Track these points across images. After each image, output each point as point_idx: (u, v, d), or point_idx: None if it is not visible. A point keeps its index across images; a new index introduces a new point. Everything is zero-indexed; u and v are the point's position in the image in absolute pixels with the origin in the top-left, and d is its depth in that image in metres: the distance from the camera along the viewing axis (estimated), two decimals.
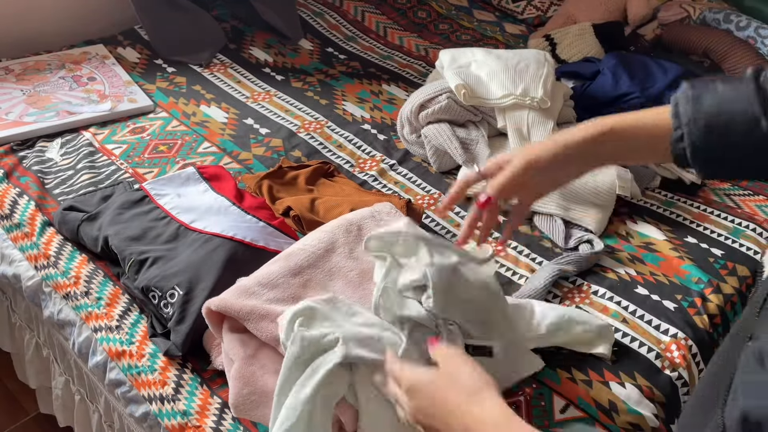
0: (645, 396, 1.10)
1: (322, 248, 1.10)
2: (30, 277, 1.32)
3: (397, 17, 2.27)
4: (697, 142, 0.80)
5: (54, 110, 1.64)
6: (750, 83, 0.79)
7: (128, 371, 1.13)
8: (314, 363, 0.88)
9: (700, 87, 0.83)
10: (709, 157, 0.82)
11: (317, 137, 1.66)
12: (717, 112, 0.79)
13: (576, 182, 1.43)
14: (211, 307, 1.00)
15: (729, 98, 0.80)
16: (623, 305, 1.25)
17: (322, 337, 0.89)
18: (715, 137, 0.80)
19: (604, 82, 1.70)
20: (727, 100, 0.80)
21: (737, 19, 1.97)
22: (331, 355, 0.87)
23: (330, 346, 0.88)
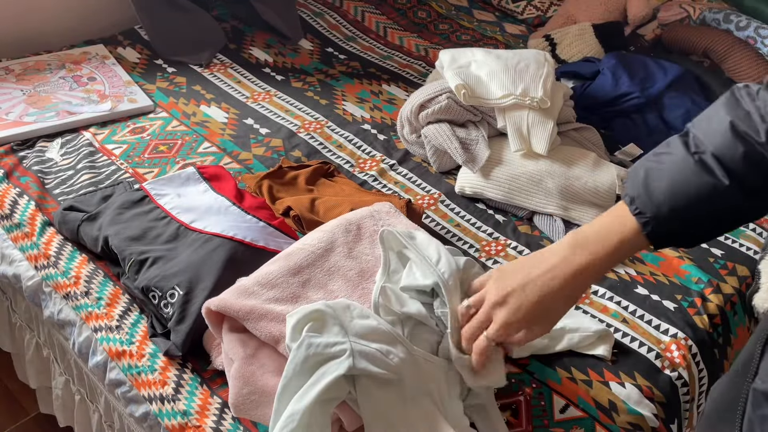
0: (645, 396, 1.10)
1: (322, 248, 1.10)
2: (30, 277, 1.32)
3: (397, 17, 2.27)
4: (668, 226, 0.82)
5: (54, 110, 1.64)
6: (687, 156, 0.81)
7: (128, 371, 1.13)
8: (319, 371, 0.87)
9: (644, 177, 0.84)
10: (683, 232, 0.83)
11: (317, 137, 1.66)
12: (672, 194, 0.81)
13: (576, 182, 1.43)
14: (210, 307, 1.00)
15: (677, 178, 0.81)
16: (623, 305, 1.25)
17: (330, 345, 0.88)
18: (682, 215, 0.81)
19: (604, 82, 1.71)
20: (677, 181, 0.81)
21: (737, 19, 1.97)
22: (336, 366, 0.87)
23: (337, 356, 0.88)
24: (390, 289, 0.99)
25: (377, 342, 0.91)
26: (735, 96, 0.81)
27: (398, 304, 0.98)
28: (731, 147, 0.78)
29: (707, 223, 0.82)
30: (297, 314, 0.92)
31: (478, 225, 1.44)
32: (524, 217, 1.46)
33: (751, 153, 0.77)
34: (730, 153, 0.78)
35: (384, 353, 0.90)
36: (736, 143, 0.78)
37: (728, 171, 0.78)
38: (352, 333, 0.90)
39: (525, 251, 1.37)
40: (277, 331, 0.96)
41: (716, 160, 0.79)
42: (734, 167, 0.78)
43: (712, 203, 0.79)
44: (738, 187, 0.78)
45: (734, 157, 0.78)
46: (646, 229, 0.82)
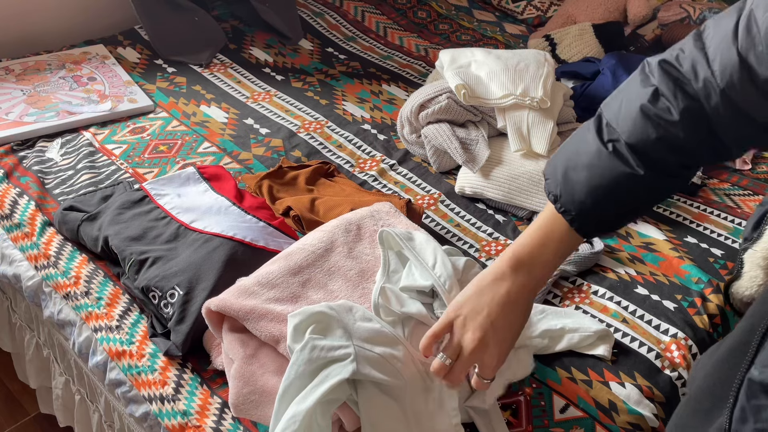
0: (645, 396, 1.10)
1: (322, 248, 1.10)
2: (30, 277, 1.32)
3: (397, 17, 2.27)
4: (593, 218, 0.83)
5: (54, 110, 1.64)
6: (600, 148, 0.81)
7: (128, 371, 1.13)
8: (322, 374, 0.87)
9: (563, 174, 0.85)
10: (608, 221, 0.85)
11: (317, 137, 1.66)
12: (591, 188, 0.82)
13: None
14: (210, 307, 1.00)
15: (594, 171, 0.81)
16: (623, 305, 1.25)
17: (334, 348, 0.88)
18: (605, 206, 0.82)
19: (604, 82, 1.70)
20: (594, 174, 0.81)
21: None
22: (339, 369, 0.87)
23: (340, 359, 0.88)
24: (390, 290, 0.99)
25: (380, 345, 0.91)
26: (644, 71, 0.79)
27: (398, 305, 0.98)
28: (643, 132, 0.77)
29: (630, 207, 0.84)
30: (299, 315, 0.91)
31: (478, 225, 1.44)
32: (524, 217, 1.46)
33: (665, 137, 0.76)
34: (642, 139, 0.78)
35: (387, 358, 0.90)
36: (647, 128, 0.77)
37: (643, 159, 0.78)
38: (356, 336, 0.90)
39: None
40: (277, 331, 0.96)
41: (629, 148, 0.78)
42: (648, 153, 0.78)
43: (632, 192, 0.80)
44: (654, 173, 0.79)
45: (647, 142, 0.77)
46: (574, 225, 0.84)
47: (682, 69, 0.76)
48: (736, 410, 0.58)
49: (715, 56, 0.73)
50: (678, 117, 0.75)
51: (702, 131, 0.77)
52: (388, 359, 0.90)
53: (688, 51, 0.77)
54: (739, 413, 0.58)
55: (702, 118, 0.76)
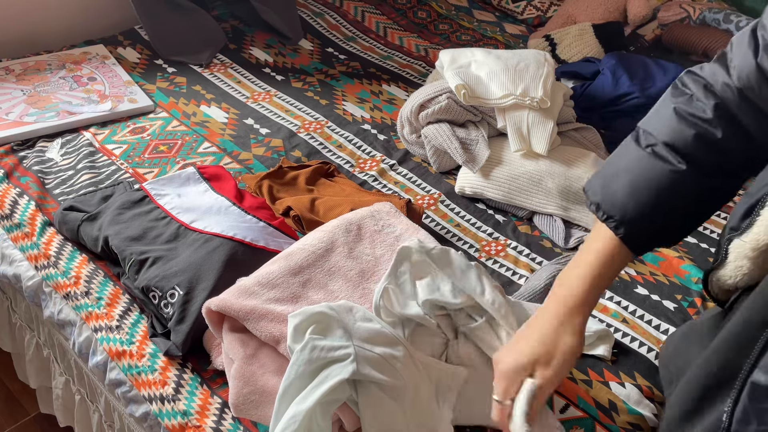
0: (645, 396, 1.10)
1: (322, 248, 1.10)
2: (30, 277, 1.32)
3: (397, 17, 2.27)
4: (639, 224, 0.81)
5: (54, 110, 1.64)
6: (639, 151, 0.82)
7: (128, 371, 1.13)
8: (322, 374, 0.87)
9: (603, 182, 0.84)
10: (657, 228, 0.82)
11: (317, 137, 1.66)
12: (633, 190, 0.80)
13: (576, 182, 1.43)
14: (210, 307, 1.00)
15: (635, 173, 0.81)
16: (623, 305, 1.25)
17: (334, 348, 0.88)
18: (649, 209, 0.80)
19: (604, 82, 1.71)
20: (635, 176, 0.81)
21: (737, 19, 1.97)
22: (340, 370, 0.87)
23: (341, 360, 0.87)
24: (392, 291, 0.99)
25: (380, 345, 0.91)
26: (676, 85, 0.82)
27: (399, 306, 0.98)
28: (680, 132, 0.78)
29: (678, 212, 0.81)
30: (299, 316, 0.91)
31: (478, 225, 1.44)
32: (524, 217, 1.47)
33: (702, 133, 0.78)
34: (681, 138, 0.78)
35: (387, 358, 0.90)
36: (683, 127, 0.78)
37: (683, 156, 0.78)
38: (356, 336, 0.90)
39: (525, 251, 1.37)
40: (278, 331, 0.96)
41: (668, 148, 0.79)
42: (688, 151, 0.78)
43: (675, 191, 0.79)
44: (696, 169, 0.78)
45: (686, 141, 0.78)
46: (619, 233, 0.81)
47: (705, 74, 0.80)
48: (738, 411, 0.58)
49: (734, 62, 0.78)
50: (711, 114, 0.77)
51: (737, 131, 0.78)
52: (388, 359, 0.90)
53: (710, 66, 0.81)
54: (741, 414, 0.58)
55: (733, 116, 0.78)
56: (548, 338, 0.84)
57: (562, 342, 0.84)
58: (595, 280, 0.84)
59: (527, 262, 1.35)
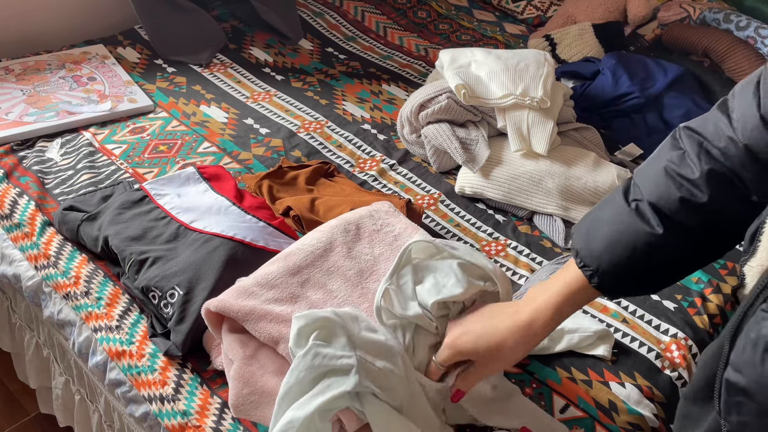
0: (645, 396, 1.10)
1: (321, 248, 1.10)
2: (30, 277, 1.32)
3: (397, 17, 2.27)
4: (612, 277, 0.83)
5: (54, 110, 1.64)
6: (623, 205, 0.82)
7: (128, 371, 1.13)
8: (324, 383, 0.86)
9: (587, 229, 0.85)
10: (630, 283, 0.84)
11: (317, 137, 1.66)
12: (610, 244, 0.82)
13: (576, 182, 1.43)
14: (210, 308, 1.00)
15: (614, 228, 0.82)
16: (623, 305, 1.25)
17: (336, 357, 0.87)
18: (623, 265, 0.82)
19: (604, 82, 1.71)
20: (614, 230, 0.82)
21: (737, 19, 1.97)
22: (342, 381, 0.86)
23: (343, 369, 0.87)
24: (393, 291, 0.99)
25: (382, 359, 0.90)
26: (674, 137, 0.81)
27: (400, 307, 0.98)
28: (665, 192, 0.78)
29: (652, 273, 0.83)
30: (303, 319, 0.90)
31: (478, 225, 1.44)
32: (524, 217, 1.46)
33: (686, 198, 0.77)
34: (664, 198, 0.78)
35: (387, 373, 0.89)
36: (669, 187, 0.78)
37: (663, 218, 0.78)
38: (360, 347, 0.89)
39: (525, 251, 1.37)
40: (276, 332, 0.96)
41: (652, 207, 0.79)
42: (670, 213, 0.78)
43: (650, 254, 0.80)
44: (674, 234, 0.78)
45: (668, 201, 0.78)
46: (593, 282, 0.84)
47: (706, 132, 0.78)
48: (722, 404, 0.62)
49: (738, 116, 0.76)
50: (698, 175, 0.76)
51: (728, 194, 0.77)
52: (388, 374, 0.89)
53: (712, 114, 0.79)
54: (724, 407, 0.62)
55: (727, 181, 0.76)
56: (500, 345, 0.90)
57: (508, 348, 0.89)
58: (559, 307, 0.88)
59: (527, 262, 1.35)
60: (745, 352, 0.59)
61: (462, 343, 0.92)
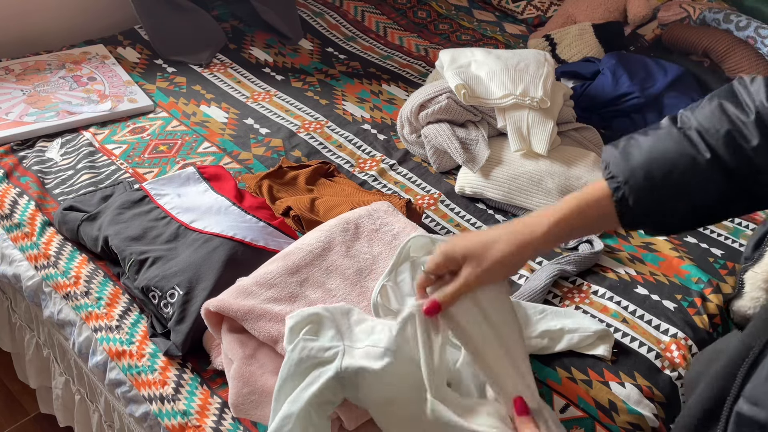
0: (645, 396, 1.10)
1: (320, 247, 1.10)
2: (30, 277, 1.32)
3: (397, 17, 2.27)
4: (640, 194, 0.78)
5: (54, 110, 1.64)
6: (671, 128, 0.80)
7: (128, 371, 1.13)
8: (313, 374, 0.86)
9: (624, 145, 0.82)
10: (655, 208, 0.79)
11: (317, 137, 1.66)
12: (649, 159, 0.78)
13: (576, 182, 1.43)
14: (209, 307, 1.00)
15: (657, 146, 0.79)
16: (623, 305, 1.25)
17: (324, 349, 0.87)
18: (657, 184, 0.78)
19: (604, 82, 1.70)
20: (656, 148, 0.79)
21: (737, 19, 1.97)
22: (326, 369, 0.85)
23: (329, 361, 0.86)
24: (390, 288, 0.99)
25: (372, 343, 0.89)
26: (731, 86, 0.81)
27: (397, 304, 0.97)
28: (716, 124, 0.77)
29: (681, 203, 0.79)
30: (295, 317, 0.91)
31: (478, 225, 1.44)
32: None
33: (735, 133, 0.76)
34: (714, 130, 0.77)
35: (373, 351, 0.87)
36: (722, 121, 0.77)
37: (710, 147, 0.77)
38: (348, 337, 0.89)
39: None
40: (276, 331, 0.96)
41: (700, 135, 0.78)
42: (716, 145, 0.76)
43: (688, 177, 0.77)
44: (717, 165, 0.77)
45: (718, 134, 0.77)
46: (616, 195, 0.79)
47: (751, 87, 0.79)
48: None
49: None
50: (752, 119, 0.76)
51: None
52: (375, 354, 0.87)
53: (758, 80, 0.79)
54: None
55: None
56: (490, 243, 0.83)
57: (498, 251, 0.83)
58: (566, 218, 0.82)
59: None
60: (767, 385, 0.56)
61: (452, 246, 0.86)
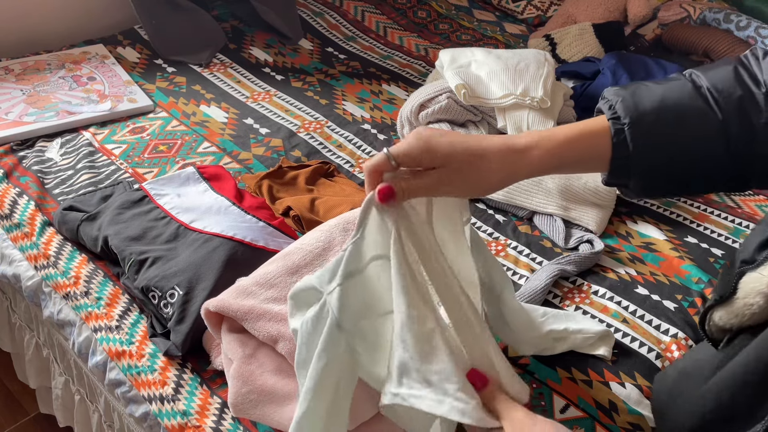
0: (645, 396, 1.10)
1: (320, 247, 1.10)
2: (30, 277, 1.32)
3: (397, 17, 2.27)
4: (642, 140, 0.73)
5: (54, 110, 1.64)
6: (685, 82, 0.77)
7: (128, 371, 1.13)
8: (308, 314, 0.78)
9: (634, 89, 0.78)
10: (653, 159, 0.74)
11: (317, 137, 1.66)
12: (661, 107, 0.74)
13: (576, 182, 1.43)
14: (209, 307, 1.00)
15: (671, 95, 0.75)
16: (623, 305, 1.25)
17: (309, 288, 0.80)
18: (664, 132, 0.73)
19: (604, 82, 1.70)
20: (669, 97, 0.75)
21: (737, 19, 1.97)
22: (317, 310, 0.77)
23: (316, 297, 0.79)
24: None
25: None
26: (743, 57, 0.79)
27: None
28: (729, 88, 0.74)
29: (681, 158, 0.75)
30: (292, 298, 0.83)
31: (478, 225, 1.44)
32: (524, 217, 1.46)
33: (747, 101, 0.73)
34: (727, 93, 0.74)
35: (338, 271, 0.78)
36: (735, 86, 0.74)
37: (720, 109, 0.74)
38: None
39: (525, 251, 1.37)
40: (275, 330, 0.96)
41: (712, 95, 0.75)
42: (727, 108, 0.74)
43: (698, 132, 0.74)
44: (724, 129, 0.74)
45: (731, 98, 0.74)
46: (617, 137, 0.74)
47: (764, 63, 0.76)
48: None
49: None
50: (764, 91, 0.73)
51: None
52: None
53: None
54: None
55: None
56: (477, 157, 0.74)
57: (485, 169, 0.75)
58: (567, 144, 0.76)
59: (527, 262, 1.35)
60: None
61: (436, 139, 0.74)
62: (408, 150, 0.74)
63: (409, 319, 0.72)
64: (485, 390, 0.71)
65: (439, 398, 0.70)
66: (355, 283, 0.76)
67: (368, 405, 0.95)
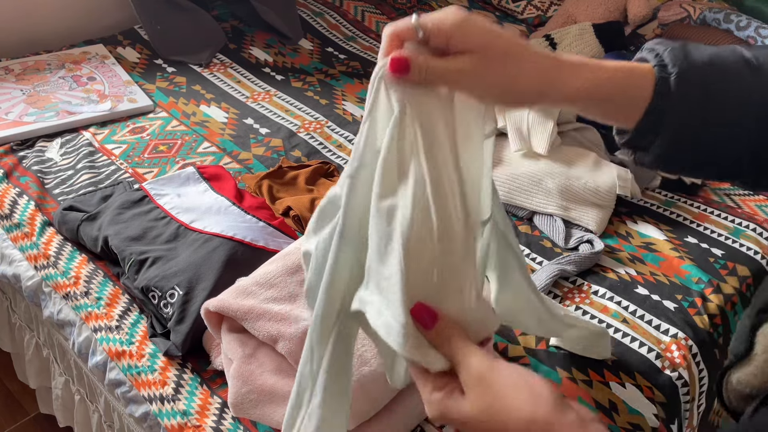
0: (645, 396, 1.10)
1: None
2: (30, 277, 1.32)
3: (397, 17, 2.27)
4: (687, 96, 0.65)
5: (54, 110, 1.64)
6: (735, 47, 0.70)
7: (128, 371, 1.13)
8: None
9: (682, 43, 0.70)
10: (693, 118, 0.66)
11: (317, 137, 1.66)
12: (711, 63, 0.66)
13: (576, 182, 1.43)
14: (209, 307, 1.00)
15: (721, 54, 0.68)
16: (623, 305, 1.25)
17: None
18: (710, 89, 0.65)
19: None
20: (719, 56, 0.67)
21: (737, 19, 1.97)
22: None
23: None
24: None
25: None
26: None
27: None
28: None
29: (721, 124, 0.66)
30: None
31: None
32: (524, 217, 1.46)
33: None
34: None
35: None
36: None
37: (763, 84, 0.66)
38: None
39: (525, 251, 1.37)
40: (275, 330, 0.96)
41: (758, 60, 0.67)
42: None
43: (743, 96, 0.66)
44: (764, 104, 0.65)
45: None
46: (661, 87, 0.65)
47: None
48: None
49: None
50: None
51: None
52: None
53: None
54: None
55: None
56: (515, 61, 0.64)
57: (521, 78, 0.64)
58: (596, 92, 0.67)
59: (527, 262, 1.35)
60: None
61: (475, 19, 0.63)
62: (441, 21, 0.63)
63: (378, 212, 0.62)
64: (435, 327, 0.60)
65: (380, 310, 0.60)
66: (365, 179, 0.65)
67: (368, 405, 0.95)
